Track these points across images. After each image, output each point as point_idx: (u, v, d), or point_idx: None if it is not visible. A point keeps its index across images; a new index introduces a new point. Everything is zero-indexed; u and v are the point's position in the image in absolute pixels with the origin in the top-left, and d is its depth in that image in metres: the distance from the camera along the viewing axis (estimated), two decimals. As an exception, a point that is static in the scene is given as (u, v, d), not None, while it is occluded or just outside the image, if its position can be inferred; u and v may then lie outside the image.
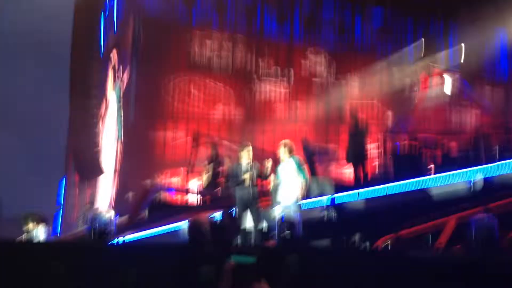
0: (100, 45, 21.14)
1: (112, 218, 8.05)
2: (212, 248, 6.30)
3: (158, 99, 19.67)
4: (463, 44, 21.72)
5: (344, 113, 12.82)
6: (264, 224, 9.26)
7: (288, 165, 9.25)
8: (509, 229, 8.36)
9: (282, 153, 9.36)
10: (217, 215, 9.80)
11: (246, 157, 9.36)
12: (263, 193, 11.08)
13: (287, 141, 9.57)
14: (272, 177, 9.63)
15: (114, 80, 21.04)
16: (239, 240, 9.02)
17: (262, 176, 9.63)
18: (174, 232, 9.52)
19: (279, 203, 9.29)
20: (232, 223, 8.53)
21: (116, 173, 19.67)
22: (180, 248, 8.21)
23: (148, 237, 9.02)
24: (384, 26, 22.08)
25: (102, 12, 21.27)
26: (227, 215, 8.75)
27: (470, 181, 10.48)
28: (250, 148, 9.46)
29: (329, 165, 15.06)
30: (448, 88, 17.19)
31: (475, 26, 20.88)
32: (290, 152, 9.37)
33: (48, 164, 20.53)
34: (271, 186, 9.55)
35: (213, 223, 8.02)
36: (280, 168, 9.41)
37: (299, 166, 9.23)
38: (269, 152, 16.59)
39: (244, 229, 9.18)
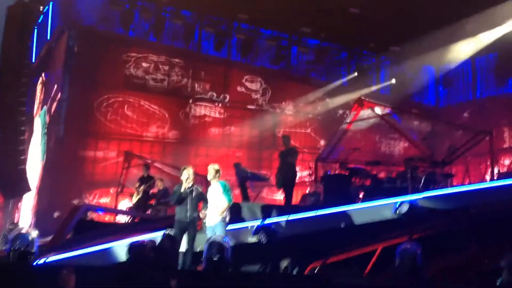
0: (31, 61, 20.68)
1: (35, 237, 7.74)
2: (154, 271, 6.19)
3: (90, 118, 19.28)
4: (393, 80, 22.53)
5: (276, 140, 12.93)
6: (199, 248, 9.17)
7: (215, 188, 9.44)
8: (433, 258, 8.60)
9: (210, 176, 9.53)
10: (155, 236, 9.62)
11: (186, 178, 9.28)
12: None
13: (215, 165, 9.75)
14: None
15: (42, 102, 20.57)
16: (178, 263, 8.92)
17: (203, 199, 9.57)
18: (102, 253, 9.26)
19: (205, 225, 9.42)
20: (172, 245, 8.39)
21: (38, 192, 19.08)
22: (109, 270, 7.99)
23: (73, 258, 8.73)
24: (319, 57, 22.59)
25: (35, 28, 20.86)
26: (167, 237, 8.58)
27: (397, 211, 10.74)
28: (191, 169, 9.43)
29: (262, 190, 15.11)
30: (378, 120, 17.69)
31: (404, 62, 21.75)
32: (217, 175, 9.52)
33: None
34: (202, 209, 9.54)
35: (154, 246, 7.88)
36: (208, 190, 9.57)
37: (225, 189, 9.38)
38: (202, 176, 16.56)
39: (183, 252, 9.09)
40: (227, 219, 9.46)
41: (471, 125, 17.70)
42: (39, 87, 21.23)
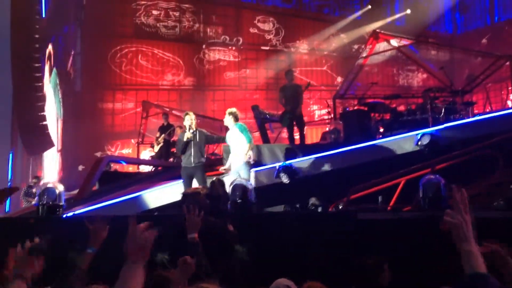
0: (41, 16, 20.56)
1: (61, 191, 7.88)
2: (211, 218, 6.29)
3: (106, 70, 19.29)
4: (408, 10, 22.01)
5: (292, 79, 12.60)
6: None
7: (233, 132, 9.41)
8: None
9: (227, 121, 9.50)
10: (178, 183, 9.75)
11: (188, 124, 9.26)
12: (218, 160, 11.07)
13: (232, 109, 9.67)
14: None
15: (52, 65, 20.53)
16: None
17: (210, 141, 9.61)
18: (128, 203, 9.41)
19: (229, 169, 9.46)
20: (223, 190, 8.47)
21: (62, 148, 19.32)
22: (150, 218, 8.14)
23: (101, 209, 8.88)
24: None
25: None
26: (218, 183, 8.63)
27: (418, 143, 10.68)
28: (193, 114, 9.38)
29: (282, 131, 15.09)
30: (395, 53, 17.41)
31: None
32: (235, 119, 9.46)
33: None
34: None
35: (208, 193, 7.97)
36: (227, 136, 9.56)
37: (243, 130, 9.34)
38: (221, 121, 16.58)
39: None
40: (251, 160, 9.47)
41: (490, 50, 17.32)
42: (47, 52, 21.14)
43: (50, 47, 20.59)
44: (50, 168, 20.14)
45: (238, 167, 9.30)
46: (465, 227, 2.13)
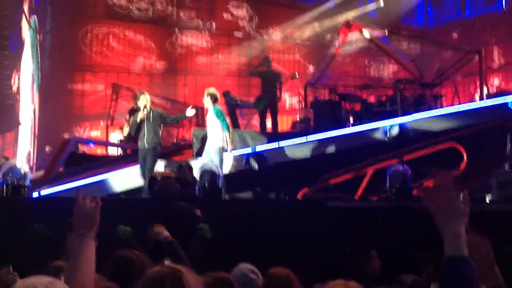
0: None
1: (27, 171, 7.77)
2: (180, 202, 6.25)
3: (76, 51, 18.97)
4: (381, 2, 22.12)
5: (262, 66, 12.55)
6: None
7: (210, 113, 9.29)
8: (421, 178, 8.74)
9: (206, 101, 9.34)
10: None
11: (143, 104, 8.97)
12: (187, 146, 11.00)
13: (210, 89, 9.49)
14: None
15: (29, 26, 20.05)
16: None
17: (165, 121, 9.28)
18: (95, 186, 9.32)
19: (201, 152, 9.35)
20: (191, 175, 8.39)
21: (33, 126, 18.99)
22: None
23: (66, 191, 8.79)
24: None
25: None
26: (186, 167, 8.54)
27: (387, 134, 10.80)
28: (148, 95, 9.16)
29: (252, 117, 15.08)
30: (366, 44, 17.51)
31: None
32: (214, 100, 9.32)
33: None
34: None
35: (177, 177, 7.90)
36: (207, 117, 9.45)
37: (220, 117, 9.23)
38: (196, 106, 16.48)
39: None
40: (228, 150, 9.31)
41: (461, 45, 17.56)
42: (24, 21, 20.64)
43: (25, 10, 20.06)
44: (21, 146, 19.78)
45: (210, 151, 9.22)
46: (450, 208, 2.09)
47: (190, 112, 9.35)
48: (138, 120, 8.96)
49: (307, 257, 6.28)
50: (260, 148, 10.59)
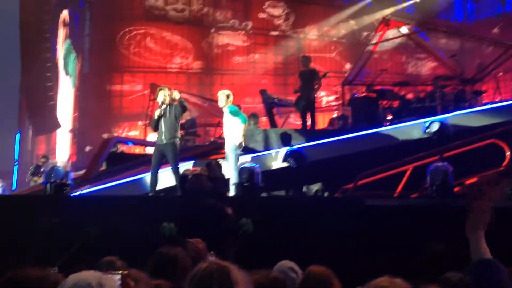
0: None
1: (68, 171, 7.91)
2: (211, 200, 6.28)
3: (114, 52, 19.25)
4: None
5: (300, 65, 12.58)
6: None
7: (226, 114, 9.25)
8: (463, 176, 8.58)
9: (221, 103, 9.30)
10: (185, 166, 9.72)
11: (161, 100, 8.86)
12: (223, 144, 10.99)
13: (225, 90, 9.46)
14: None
15: (65, 37, 20.47)
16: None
17: (178, 111, 8.94)
18: (134, 184, 9.43)
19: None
20: (221, 173, 8.42)
21: (73, 126, 19.35)
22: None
23: (106, 190, 8.92)
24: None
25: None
26: (216, 165, 8.58)
27: (426, 131, 10.65)
28: (167, 90, 9.00)
29: (289, 116, 15.07)
30: (404, 40, 17.29)
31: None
32: (228, 100, 9.26)
33: (3, 119, 20.12)
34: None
35: (209, 175, 7.93)
36: (223, 118, 9.44)
37: (235, 112, 9.16)
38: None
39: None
40: (243, 144, 9.22)
41: (501, 40, 17.17)
42: (61, 26, 21.08)
43: (62, 20, 20.48)
44: (61, 145, 20.19)
45: (227, 150, 9.18)
46: (485, 216, 2.22)
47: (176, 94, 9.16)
48: (156, 116, 8.91)
49: (345, 255, 6.23)
50: (298, 146, 10.55)
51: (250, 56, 21.12)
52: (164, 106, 8.86)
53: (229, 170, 8.85)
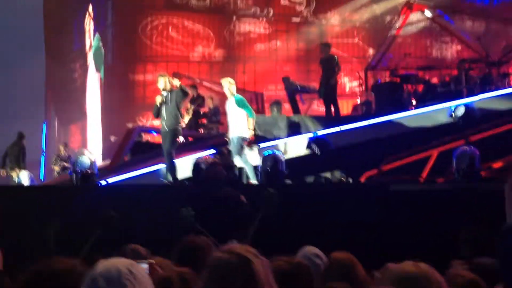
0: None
1: (93, 161, 7.99)
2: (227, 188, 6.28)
3: (137, 42, 19.34)
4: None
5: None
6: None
7: (231, 102, 9.05)
8: (490, 160, 8.47)
9: (227, 91, 9.10)
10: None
11: (161, 87, 8.73)
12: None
13: (229, 78, 9.25)
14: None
15: (93, 32, 20.61)
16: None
17: (179, 97, 8.78)
18: (159, 173, 9.49)
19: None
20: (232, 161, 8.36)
21: (99, 117, 19.52)
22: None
23: (131, 179, 8.99)
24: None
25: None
26: (228, 153, 8.53)
27: (452, 115, 10.51)
28: (166, 76, 8.86)
29: (312, 102, 15.00)
30: (428, 24, 17.06)
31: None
32: (231, 88, 9.05)
33: (29, 110, 20.41)
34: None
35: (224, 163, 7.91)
36: (226, 105, 9.24)
37: (242, 104, 8.94)
38: (251, 92, 16.54)
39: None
40: (248, 135, 8.99)
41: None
42: (87, 20, 21.21)
43: (88, 15, 20.61)
44: (88, 136, 20.39)
45: (232, 140, 8.96)
46: None
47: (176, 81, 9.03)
48: (157, 103, 8.78)
49: (370, 241, 6.20)
50: (321, 132, 10.51)
51: (272, 43, 21.03)
52: (165, 93, 8.73)
53: (237, 159, 8.58)
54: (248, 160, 8.40)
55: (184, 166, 9.50)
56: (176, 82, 8.82)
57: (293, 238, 4.99)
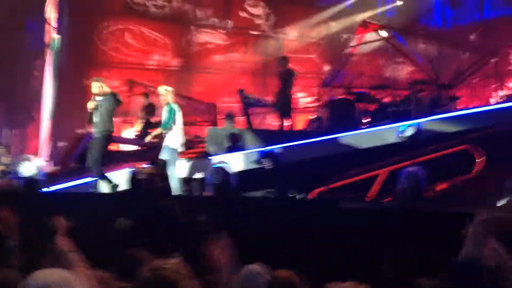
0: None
1: (39, 166, 7.80)
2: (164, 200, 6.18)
3: (92, 47, 19.04)
4: (400, 1, 21.97)
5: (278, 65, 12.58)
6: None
7: (164, 110, 9.04)
8: (436, 181, 8.64)
9: (164, 98, 9.07)
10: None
11: (95, 91, 8.64)
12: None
13: (162, 87, 9.22)
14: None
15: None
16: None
17: (110, 105, 8.65)
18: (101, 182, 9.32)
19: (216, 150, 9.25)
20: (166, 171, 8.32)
21: (47, 122, 19.06)
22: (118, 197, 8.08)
23: (78, 186, 8.81)
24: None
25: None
26: (163, 164, 8.49)
27: (400, 135, 10.70)
28: (100, 81, 8.72)
29: (266, 116, 15.04)
30: (383, 44, 17.38)
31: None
32: (167, 97, 9.02)
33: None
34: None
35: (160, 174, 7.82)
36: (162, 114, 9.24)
37: (168, 112, 8.91)
38: (206, 103, 16.48)
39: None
40: (179, 147, 8.91)
41: (479, 46, 17.37)
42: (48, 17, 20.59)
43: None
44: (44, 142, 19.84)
45: (164, 149, 8.91)
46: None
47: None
48: (89, 109, 8.67)
49: (317, 258, 6.21)
50: (272, 147, 10.54)
51: (229, 54, 21.05)
52: (99, 99, 8.53)
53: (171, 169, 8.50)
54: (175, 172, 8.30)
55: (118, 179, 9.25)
56: (107, 89, 8.66)
57: (240, 254, 4.96)
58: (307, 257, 6.04)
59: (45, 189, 8.07)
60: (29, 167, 7.56)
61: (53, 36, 19.24)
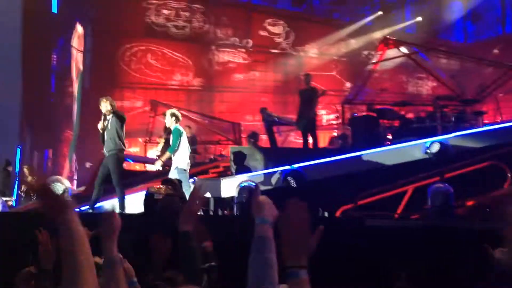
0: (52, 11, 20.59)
1: (67, 188, 7.87)
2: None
3: (115, 68, 19.29)
4: (419, 17, 21.94)
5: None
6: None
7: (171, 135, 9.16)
8: (464, 198, 8.54)
9: (167, 122, 9.20)
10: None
11: (103, 110, 8.60)
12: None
13: (172, 110, 9.39)
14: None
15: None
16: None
17: (116, 123, 8.62)
18: (133, 201, 9.37)
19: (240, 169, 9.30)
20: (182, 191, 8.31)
21: (74, 143, 19.31)
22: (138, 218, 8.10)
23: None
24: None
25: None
26: (179, 183, 8.45)
27: (427, 151, 10.62)
28: (107, 100, 8.67)
29: (289, 134, 15.05)
30: (404, 60, 17.33)
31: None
32: (176, 120, 9.11)
33: (3, 133, 20.08)
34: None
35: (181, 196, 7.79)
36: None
37: (173, 135, 9.00)
38: (229, 122, 16.56)
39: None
40: (185, 169, 9.00)
41: (502, 61, 17.23)
42: (75, 41, 20.95)
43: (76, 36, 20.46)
44: (63, 162, 20.09)
45: (172, 170, 9.02)
46: None
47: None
48: (99, 129, 8.70)
49: (343, 276, 6.17)
50: (297, 165, 10.52)
51: (250, 73, 21.18)
52: (108, 117, 8.63)
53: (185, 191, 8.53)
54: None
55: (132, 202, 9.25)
56: (114, 107, 8.71)
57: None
58: (333, 275, 6.00)
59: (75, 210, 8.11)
60: (58, 188, 7.61)
61: (78, 66, 19.61)
